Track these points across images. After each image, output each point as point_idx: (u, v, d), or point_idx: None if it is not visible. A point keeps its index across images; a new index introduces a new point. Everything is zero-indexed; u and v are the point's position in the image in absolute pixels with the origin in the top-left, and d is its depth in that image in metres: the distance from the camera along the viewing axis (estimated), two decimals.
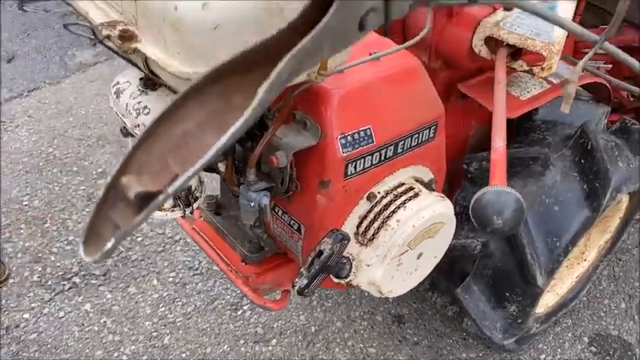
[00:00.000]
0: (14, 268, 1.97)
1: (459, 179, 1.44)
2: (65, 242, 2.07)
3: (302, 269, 1.01)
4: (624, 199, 1.61)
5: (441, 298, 1.62)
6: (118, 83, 0.98)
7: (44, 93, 2.86)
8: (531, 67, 1.22)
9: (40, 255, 2.02)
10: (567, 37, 1.35)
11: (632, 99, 2.01)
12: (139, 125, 0.93)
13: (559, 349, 1.81)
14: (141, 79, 0.95)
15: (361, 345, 1.79)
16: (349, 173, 1.03)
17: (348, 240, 1.01)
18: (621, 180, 1.36)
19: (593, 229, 1.73)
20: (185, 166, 0.37)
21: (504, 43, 1.23)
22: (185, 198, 1.08)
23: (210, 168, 1.11)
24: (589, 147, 1.33)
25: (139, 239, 2.07)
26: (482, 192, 0.82)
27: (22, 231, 2.12)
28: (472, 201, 0.85)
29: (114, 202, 0.38)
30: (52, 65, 3.04)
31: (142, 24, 0.76)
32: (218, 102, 0.39)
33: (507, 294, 1.45)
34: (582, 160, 1.35)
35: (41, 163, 2.42)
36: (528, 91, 1.36)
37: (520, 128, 1.43)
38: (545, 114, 1.42)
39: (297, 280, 1.01)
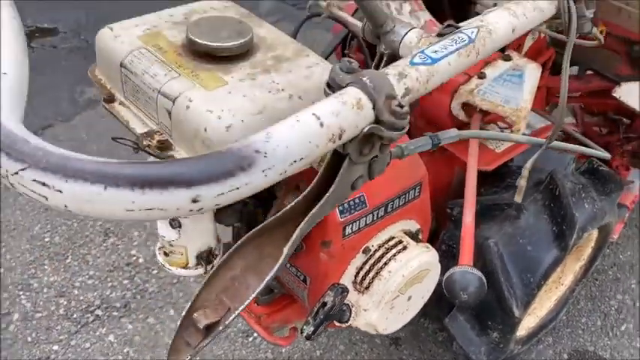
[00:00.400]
0: (41, 303, 2.15)
1: (445, 220, 1.62)
2: (87, 276, 2.24)
3: (309, 318, 1.18)
4: (594, 233, 1.79)
5: (432, 324, 1.79)
6: None
7: (57, 130, 3.02)
8: (502, 130, 1.39)
9: (64, 289, 2.19)
10: (537, 89, 1.54)
11: (603, 132, 2.19)
12: None
13: None
14: None
15: None
16: (347, 233, 1.20)
17: (348, 292, 1.18)
18: (587, 220, 1.54)
19: (569, 257, 1.92)
20: (235, 303, 0.54)
21: (478, 109, 1.41)
22: (206, 257, 1.26)
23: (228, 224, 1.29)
24: (557, 193, 1.50)
25: (154, 272, 2.25)
26: (451, 271, 0.99)
27: (45, 267, 2.29)
28: (444, 277, 1.03)
29: (187, 329, 0.56)
30: (63, 102, 3.19)
31: (176, 136, 0.93)
32: (254, 253, 0.56)
33: (489, 322, 1.62)
34: (551, 205, 1.52)
35: None
36: (502, 144, 1.54)
37: (497, 173, 1.60)
38: (519, 160, 1.60)
39: (304, 327, 1.18)
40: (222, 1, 1.18)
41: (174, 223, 1.13)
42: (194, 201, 0.42)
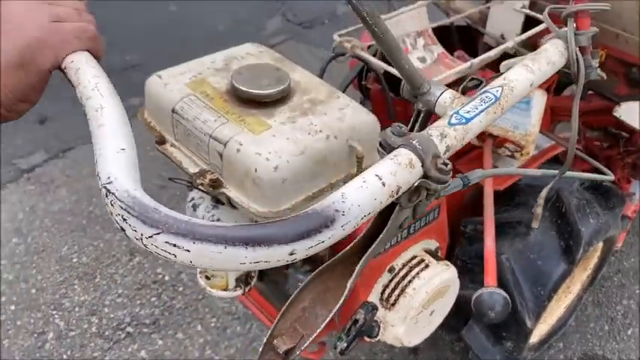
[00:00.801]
0: (74, 321, 2.25)
1: (459, 236, 1.72)
2: (116, 295, 2.34)
3: (342, 334, 1.28)
4: (598, 245, 1.89)
5: (449, 335, 1.89)
6: (193, 199, 1.26)
7: (78, 153, 3.12)
8: (513, 153, 1.50)
9: (95, 308, 2.29)
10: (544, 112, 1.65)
11: (604, 146, 2.29)
12: None
13: None
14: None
15: None
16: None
17: (377, 310, 1.28)
18: (592, 235, 1.63)
19: (576, 267, 2.02)
20: (307, 330, 0.64)
21: (488, 133, 1.51)
22: (245, 280, 1.36)
23: None
24: (563, 210, 1.60)
25: (180, 289, 2.35)
26: (480, 292, 1.09)
27: (75, 286, 2.39)
28: (473, 297, 1.13)
29: (268, 353, 0.66)
30: (83, 125, 3.29)
31: (227, 175, 1.03)
32: (320, 288, 0.67)
33: (503, 333, 1.71)
34: (559, 221, 1.62)
35: (84, 222, 2.69)
36: (512, 164, 1.65)
37: (507, 192, 1.71)
38: (528, 179, 1.71)
39: (337, 342, 1.28)
40: (255, 45, 1.28)
41: None
42: (291, 254, 0.52)
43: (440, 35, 1.73)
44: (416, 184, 0.64)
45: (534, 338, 1.97)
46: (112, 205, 0.54)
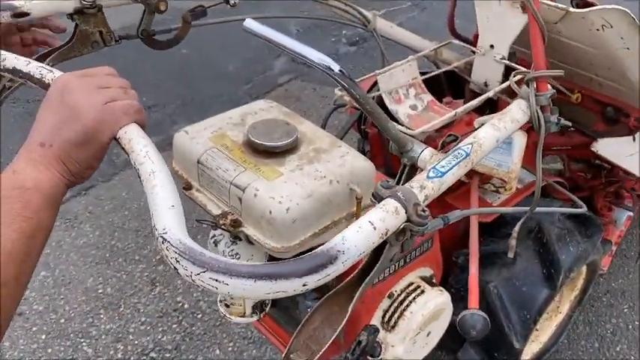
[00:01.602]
0: (101, 348, 2.40)
1: (453, 266, 1.87)
2: (139, 323, 2.48)
3: (347, 354, 1.42)
4: (582, 268, 2.04)
5: (447, 356, 2.02)
6: (214, 236, 1.42)
7: (99, 190, 3.29)
8: (497, 188, 1.65)
9: (120, 335, 2.44)
10: (527, 147, 1.80)
11: (588, 176, 2.44)
12: None
13: None
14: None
15: None
16: (374, 282, 1.45)
17: (378, 331, 1.43)
18: (572, 262, 1.77)
19: (564, 288, 2.16)
20: (317, 346, 0.80)
21: (476, 171, 1.66)
22: (260, 307, 1.51)
23: None
24: (545, 240, 1.75)
25: (199, 316, 2.49)
26: (463, 314, 1.24)
27: (101, 316, 2.54)
28: (458, 318, 1.27)
29: None
30: (103, 164, 3.46)
31: (245, 216, 1.19)
32: (327, 311, 0.82)
33: (495, 354, 1.83)
34: (541, 251, 1.75)
35: (107, 255, 2.84)
36: (498, 197, 1.80)
37: (494, 224, 1.85)
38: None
39: None
40: (266, 102, 1.45)
41: None
42: (304, 285, 0.68)
43: (431, 82, 1.90)
44: (401, 227, 0.79)
45: (527, 356, 2.10)
46: (167, 250, 0.70)
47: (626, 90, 1.83)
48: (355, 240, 0.73)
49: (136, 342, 2.40)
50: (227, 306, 1.51)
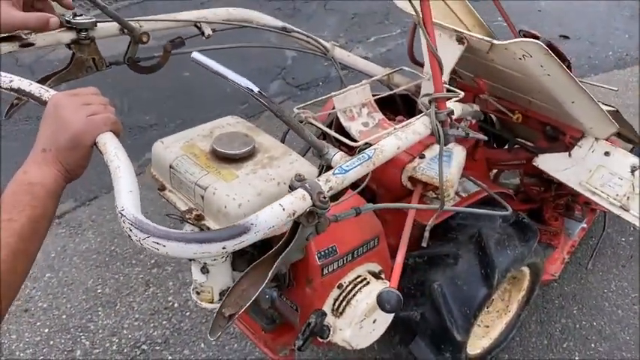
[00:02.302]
0: (98, 341, 2.61)
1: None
2: (133, 319, 2.70)
3: (299, 334, 1.64)
4: (525, 270, 2.24)
5: (402, 348, 2.21)
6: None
7: (102, 201, 3.52)
8: (437, 195, 1.87)
9: (115, 330, 2.65)
10: (478, 161, 2.03)
11: (541, 190, 2.65)
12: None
13: None
14: None
15: None
16: (324, 273, 1.65)
17: (326, 315, 1.64)
18: (508, 264, 1.95)
19: (512, 288, 2.37)
20: (243, 303, 1.02)
21: (419, 180, 1.88)
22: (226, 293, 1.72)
23: (241, 270, 1.76)
24: (483, 245, 1.93)
25: (187, 314, 2.71)
26: (381, 290, 1.45)
27: (99, 312, 2.75)
28: (377, 295, 1.48)
29: (219, 317, 1.03)
30: (105, 176, 3.69)
31: (206, 211, 1.42)
32: (253, 277, 1.04)
33: (442, 346, 2.01)
34: (480, 253, 1.93)
35: (107, 259, 3.07)
36: (459, 207, 2.01)
37: (441, 229, 2.06)
38: (458, 218, 2.07)
39: (296, 341, 1.64)
40: (234, 117, 1.68)
41: (204, 270, 1.60)
42: (223, 248, 0.90)
43: (388, 103, 2.13)
44: (307, 210, 1.02)
45: (477, 350, 2.30)
46: (124, 222, 0.93)
47: (558, 111, 2.04)
48: (266, 217, 0.96)
49: (130, 336, 2.62)
50: (198, 293, 1.73)
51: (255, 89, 1.04)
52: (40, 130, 1.14)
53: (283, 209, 0.99)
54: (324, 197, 1.03)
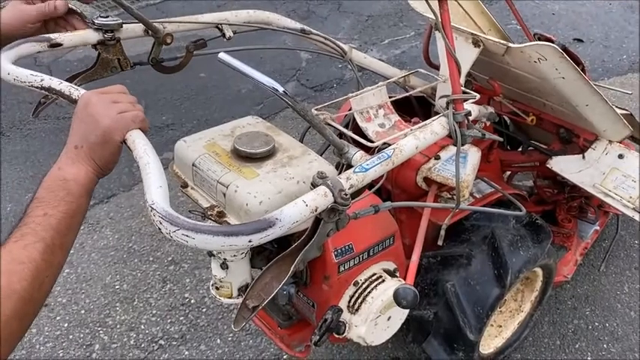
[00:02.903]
0: (116, 336, 2.66)
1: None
2: (151, 315, 2.74)
3: (316, 330, 1.67)
4: (538, 271, 2.25)
5: (416, 347, 2.24)
6: None
7: (120, 199, 3.57)
8: (451, 196, 1.89)
9: (133, 325, 2.69)
10: (492, 162, 2.05)
11: (555, 192, 2.66)
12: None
13: None
14: None
15: None
16: (341, 270, 1.68)
17: (342, 311, 1.66)
18: (521, 265, 1.96)
19: (525, 289, 2.38)
20: (266, 295, 1.05)
21: (434, 181, 1.90)
22: (245, 289, 1.76)
23: (259, 267, 1.79)
24: (496, 245, 1.95)
25: (203, 310, 2.75)
26: (398, 286, 1.48)
27: (117, 308, 2.80)
28: (394, 290, 1.51)
29: (243, 309, 1.06)
30: (123, 175, 3.74)
31: (228, 208, 1.45)
32: (275, 271, 1.07)
33: (455, 345, 2.03)
34: (493, 254, 1.95)
35: (125, 255, 3.12)
36: (473, 206, 2.03)
37: (455, 230, 2.08)
38: (472, 219, 2.09)
39: (312, 337, 1.67)
40: (254, 117, 1.72)
41: (224, 265, 1.64)
42: (249, 241, 0.93)
43: (404, 105, 2.16)
44: (329, 207, 1.05)
45: (490, 350, 2.32)
46: (154, 216, 0.96)
47: (572, 114, 2.06)
48: (290, 212, 0.99)
49: (147, 331, 2.66)
50: (217, 289, 1.76)
51: (281, 89, 1.07)
52: (72, 127, 1.18)
53: (306, 205, 1.02)
54: (346, 194, 1.06)
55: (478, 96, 1.82)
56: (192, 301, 2.80)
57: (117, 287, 2.91)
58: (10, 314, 0.90)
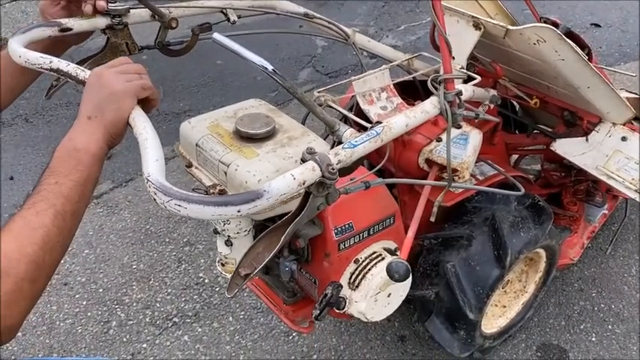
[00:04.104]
0: (132, 313, 2.74)
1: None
2: (166, 294, 2.82)
3: (316, 304, 1.71)
4: (541, 252, 2.27)
5: (420, 326, 2.28)
6: None
7: (138, 183, 3.64)
8: (453, 177, 1.91)
9: (149, 303, 2.77)
10: (497, 145, 2.07)
11: (561, 175, 2.67)
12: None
13: (514, 355, 2.45)
14: None
15: (375, 357, 2.47)
16: (341, 248, 1.71)
17: (342, 287, 1.70)
18: (521, 246, 1.98)
19: (529, 270, 2.40)
20: (257, 264, 1.10)
21: (435, 162, 1.93)
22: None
23: None
24: (496, 227, 1.97)
25: (217, 289, 2.81)
26: (391, 260, 1.51)
27: (134, 287, 2.88)
28: (386, 264, 1.54)
29: (236, 276, 1.11)
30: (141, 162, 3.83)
31: (229, 186, 1.50)
32: (267, 241, 1.12)
33: (456, 324, 2.06)
34: (493, 235, 1.96)
35: (142, 237, 3.19)
36: (470, 185, 2.05)
37: (456, 212, 2.10)
38: (474, 201, 2.11)
39: (314, 311, 1.72)
40: (256, 100, 1.76)
41: (228, 242, 1.69)
42: (238, 211, 0.98)
43: (408, 88, 2.18)
44: (316, 180, 1.09)
45: (493, 329, 2.34)
46: (149, 187, 1.01)
47: (575, 96, 2.07)
48: (278, 185, 1.04)
49: (162, 309, 2.73)
50: (222, 265, 1.82)
51: (270, 67, 1.11)
52: (83, 99, 1.23)
53: (294, 178, 1.07)
54: (333, 169, 1.10)
55: (478, 78, 1.84)
56: (207, 280, 2.87)
57: (134, 267, 2.99)
58: (22, 276, 0.96)
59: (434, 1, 1.37)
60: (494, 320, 2.36)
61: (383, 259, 1.78)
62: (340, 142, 1.26)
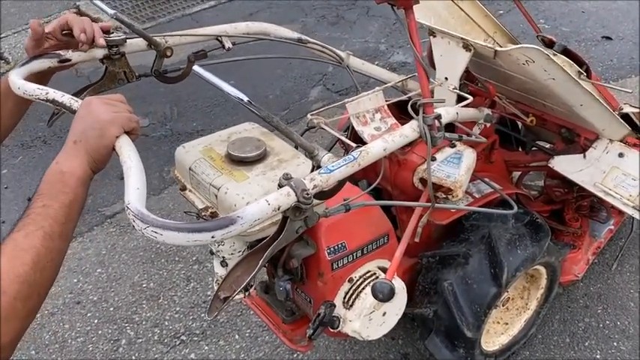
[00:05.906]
0: (141, 332, 2.78)
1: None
2: (174, 312, 2.86)
3: (310, 324, 1.74)
4: (540, 269, 2.26)
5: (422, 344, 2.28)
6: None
7: (150, 202, 3.69)
8: (447, 196, 1.94)
9: (158, 322, 2.82)
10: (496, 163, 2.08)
11: (564, 191, 2.66)
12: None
13: None
14: None
15: None
16: (334, 268, 1.73)
17: (334, 306, 1.73)
18: (518, 263, 1.98)
19: (530, 287, 2.40)
20: (237, 287, 1.13)
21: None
22: (245, 287, 1.84)
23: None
24: (492, 245, 1.97)
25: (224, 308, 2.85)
26: (377, 281, 1.53)
27: (144, 305, 2.93)
28: (372, 284, 1.56)
29: (216, 299, 1.15)
30: (154, 180, 3.85)
31: (220, 209, 1.54)
32: (246, 265, 1.15)
33: (455, 342, 2.06)
34: (490, 253, 1.97)
35: (152, 256, 3.25)
36: (457, 205, 2.07)
37: (453, 230, 2.12)
38: (471, 219, 2.12)
39: (307, 330, 1.74)
40: (250, 124, 1.81)
41: (223, 263, 1.73)
42: (212, 237, 1.02)
43: (404, 109, 2.21)
44: (293, 205, 1.13)
45: (495, 347, 2.34)
46: (129, 214, 1.06)
47: (570, 114, 2.08)
48: (252, 211, 1.07)
49: (170, 327, 2.77)
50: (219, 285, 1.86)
51: (245, 99, 1.15)
52: (72, 125, 1.28)
53: (268, 204, 1.10)
54: (308, 194, 1.13)
55: (471, 98, 1.86)
56: None
57: (144, 286, 3.04)
58: (15, 295, 1.00)
59: (409, 26, 1.41)
60: (495, 338, 2.36)
61: (377, 278, 1.80)
62: (319, 167, 1.29)
